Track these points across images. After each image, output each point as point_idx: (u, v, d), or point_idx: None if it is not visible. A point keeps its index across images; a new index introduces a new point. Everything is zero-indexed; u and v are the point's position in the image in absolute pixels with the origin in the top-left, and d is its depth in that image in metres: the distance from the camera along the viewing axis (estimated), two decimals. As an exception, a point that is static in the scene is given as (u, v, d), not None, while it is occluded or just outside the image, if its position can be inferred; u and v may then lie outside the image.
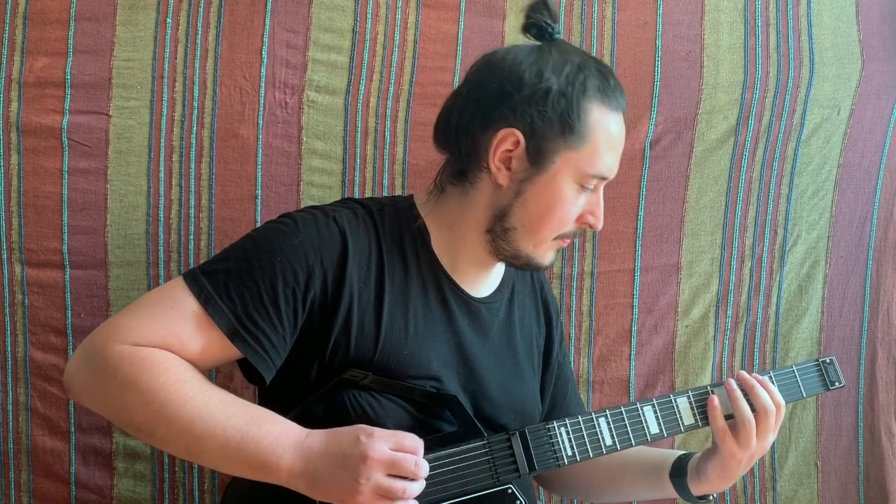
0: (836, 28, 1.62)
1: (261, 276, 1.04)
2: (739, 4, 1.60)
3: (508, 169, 1.11)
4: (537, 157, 1.09)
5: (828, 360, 1.26)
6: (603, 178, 1.12)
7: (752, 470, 1.63)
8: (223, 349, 1.04)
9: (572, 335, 1.59)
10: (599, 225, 1.14)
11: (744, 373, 1.17)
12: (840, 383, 1.26)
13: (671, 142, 1.59)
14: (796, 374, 1.23)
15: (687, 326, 1.62)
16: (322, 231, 1.08)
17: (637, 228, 1.58)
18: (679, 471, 1.20)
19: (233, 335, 1.03)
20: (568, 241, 1.17)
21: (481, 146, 1.11)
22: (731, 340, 1.63)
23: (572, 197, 1.11)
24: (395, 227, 1.14)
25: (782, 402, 1.16)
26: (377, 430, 0.98)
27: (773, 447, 1.63)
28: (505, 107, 1.09)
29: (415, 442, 0.99)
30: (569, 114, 1.07)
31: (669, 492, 1.22)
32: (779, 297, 1.64)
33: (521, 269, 1.19)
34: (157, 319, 1.02)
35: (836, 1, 1.62)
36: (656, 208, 1.59)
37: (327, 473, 0.96)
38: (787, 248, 1.64)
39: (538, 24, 1.13)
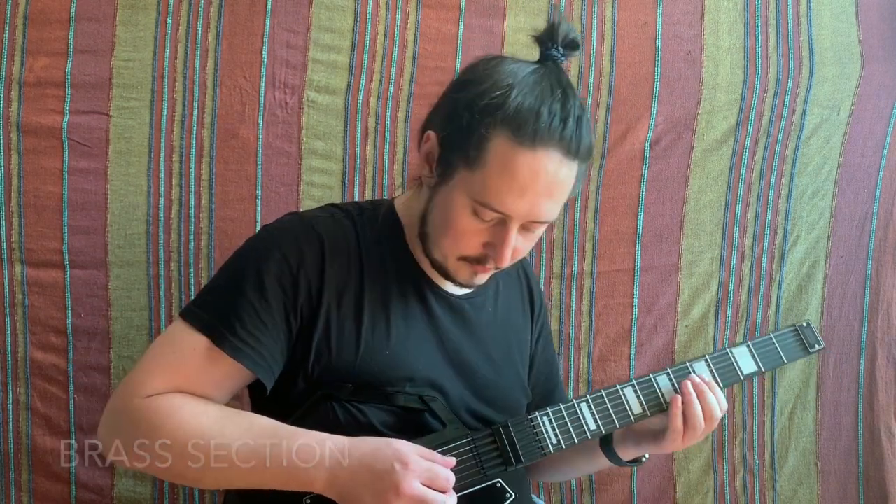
0: (836, 28, 1.62)
1: (253, 295, 1.04)
2: (739, 4, 1.60)
3: (431, 172, 1.08)
4: (443, 166, 1.05)
5: (805, 324, 1.24)
6: (502, 215, 1.01)
7: (752, 470, 1.63)
8: (234, 374, 1.05)
9: (572, 335, 1.59)
10: (501, 263, 1.05)
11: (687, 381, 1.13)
12: (820, 345, 1.24)
13: (671, 142, 1.59)
14: (774, 341, 1.21)
15: (687, 326, 1.62)
16: (300, 239, 1.08)
17: (637, 228, 1.58)
18: (605, 439, 1.18)
19: (240, 357, 1.03)
20: (481, 269, 1.08)
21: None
22: (731, 340, 1.63)
23: (466, 219, 1.03)
24: (374, 230, 1.14)
25: (692, 393, 1.12)
26: (413, 461, 0.97)
27: (773, 447, 1.63)
28: (436, 109, 1.09)
29: (447, 480, 0.99)
30: (466, 131, 1.01)
31: (603, 462, 1.20)
32: (779, 297, 1.64)
33: (445, 279, 1.12)
34: (166, 366, 1.04)
35: (836, 1, 1.62)
36: (656, 208, 1.59)
37: (356, 493, 0.97)
38: (787, 248, 1.64)
39: (541, 40, 1.07)
